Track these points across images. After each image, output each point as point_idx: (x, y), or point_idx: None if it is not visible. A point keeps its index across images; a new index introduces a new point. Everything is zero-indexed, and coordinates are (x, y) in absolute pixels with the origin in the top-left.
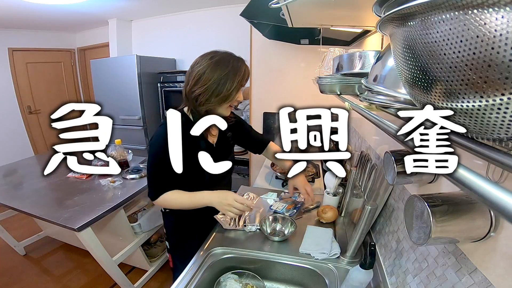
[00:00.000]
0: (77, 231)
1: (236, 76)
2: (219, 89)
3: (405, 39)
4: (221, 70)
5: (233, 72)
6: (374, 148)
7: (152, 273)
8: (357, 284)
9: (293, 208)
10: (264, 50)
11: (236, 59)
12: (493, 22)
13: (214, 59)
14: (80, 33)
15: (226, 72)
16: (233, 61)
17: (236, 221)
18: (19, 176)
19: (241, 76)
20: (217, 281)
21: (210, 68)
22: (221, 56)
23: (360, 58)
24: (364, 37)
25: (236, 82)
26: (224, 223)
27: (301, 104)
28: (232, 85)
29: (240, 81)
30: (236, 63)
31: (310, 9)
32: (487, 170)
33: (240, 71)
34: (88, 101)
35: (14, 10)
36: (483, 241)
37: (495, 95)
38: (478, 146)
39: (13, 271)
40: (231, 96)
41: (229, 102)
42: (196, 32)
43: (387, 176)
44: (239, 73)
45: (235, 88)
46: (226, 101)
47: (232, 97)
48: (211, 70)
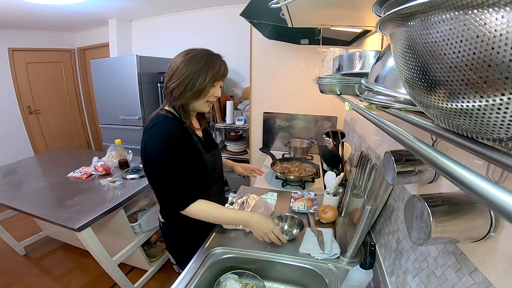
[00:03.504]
0: (77, 231)
1: (210, 71)
2: (193, 83)
3: (405, 39)
4: (195, 65)
5: (207, 67)
6: (374, 148)
7: (152, 273)
8: (357, 284)
9: (312, 205)
10: (264, 50)
11: (211, 55)
12: (493, 22)
13: (188, 55)
14: (80, 33)
15: (200, 67)
16: (208, 57)
17: None
18: (19, 176)
19: (215, 71)
20: (217, 281)
21: (184, 63)
22: (196, 52)
23: (360, 58)
24: (364, 37)
25: (210, 77)
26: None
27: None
28: (205, 79)
29: (214, 76)
30: (210, 58)
31: (310, 9)
32: (487, 170)
33: (213, 66)
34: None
35: (14, 10)
36: (483, 241)
37: (495, 95)
38: (478, 146)
39: (13, 271)
40: (205, 91)
41: (205, 98)
42: (196, 32)
43: (387, 176)
44: (212, 67)
45: (208, 82)
46: (201, 96)
47: (207, 92)
48: (185, 65)
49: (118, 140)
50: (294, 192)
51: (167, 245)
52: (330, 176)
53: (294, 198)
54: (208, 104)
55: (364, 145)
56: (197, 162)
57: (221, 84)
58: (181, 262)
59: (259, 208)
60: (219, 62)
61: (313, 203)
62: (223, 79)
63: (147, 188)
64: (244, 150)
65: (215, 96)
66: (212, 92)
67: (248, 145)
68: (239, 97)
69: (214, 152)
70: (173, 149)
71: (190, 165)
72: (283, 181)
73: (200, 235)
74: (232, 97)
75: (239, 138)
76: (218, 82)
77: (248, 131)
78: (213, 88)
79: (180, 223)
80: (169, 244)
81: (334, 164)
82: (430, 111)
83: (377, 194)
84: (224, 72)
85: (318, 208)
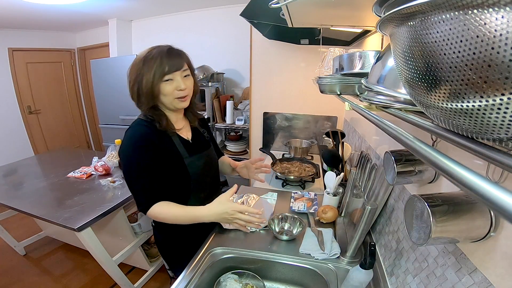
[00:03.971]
0: (77, 231)
1: (150, 70)
2: (140, 87)
3: (405, 39)
4: (135, 69)
5: (146, 67)
6: (374, 148)
7: (152, 273)
8: (357, 284)
9: (312, 205)
10: (264, 50)
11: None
12: (493, 22)
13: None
14: (80, 33)
15: (140, 69)
16: (147, 55)
17: None
18: (19, 176)
19: (155, 67)
20: (217, 281)
21: (128, 70)
22: (140, 55)
23: (360, 58)
24: (364, 37)
25: (153, 75)
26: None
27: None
28: (149, 79)
29: (159, 72)
30: (148, 56)
31: (310, 9)
32: (487, 170)
33: (151, 63)
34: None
35: (14, 10)
36: (483, 241)
37: (495, 95)
38: (478, 146)
39: (13, 271)
40: (155, 90)
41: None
42: (196, 32)
43: (387, 176)
44: (150, 65)
45: (155, 81)
46: (155, 96)
47: (159, 90)
48: (129, 72)
49: (118, 140)
50: (294, 192)
51: (158, 248)
52: (330, 176)
53: (294, 198)
54: (179, 100)
55: (364, 145)
56: (173, 165)
57: (183, 74)
58: (172, 265)
59: (259, 207)
60: (159, 56)
61: (313, 203)
62: (177, 70)
63: None
64: (244, 150)
65: (181, 89)
66: (173, 87)
67: (248, 145)
68: (239, 97)
69: (201, 155)
70: (137, 152)
71: (156, 168)
72: (283, 181)
73: (187, 238)
74: (232, 97)
75: (239, 138)
76: (172, 74)
77: (248, 131)
78: (168, 83)
79: (165, 226)
80: (159, 247)
81: (334, 164)
82: (430, 111)
83: (377, 194)
84: (173, 63)
85: (318, 208)
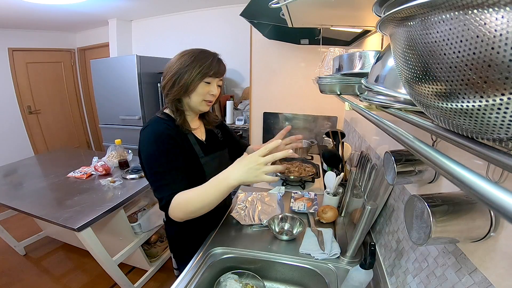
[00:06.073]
0: (77, 231)
1: (198, 67)
2: (180, 78)
3: (405, 39)
4: (184, 61)
5: (196, 62)
6: (374, 148)
7: (152, 273)
8: (357, 284)
9: (312, 205)
10: (264, 50)
11: (203, 52)
12: (493, 22)
13: (181, 54)
14: (80, 33)
15: (189, 63)
16: (200, 54)
17: (251, 216)
18: (19, 176)
19: (204, 66)
20: (217, 281)
21: (175, 60)
22: (190, 50)
23: (360, 58)
24: (364, 37)
25: (198, 72)
26: (240, 220)
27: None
28: (192, 73)
29: (204, 71)
30: (202, 55)
31: (310, 9)
32: (487, 170)
33: (203, 62)
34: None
35: (14, 10)
36: (483, 241)
37: (495, 95)
38: (478, 146)
39: (13, 271)
40: (192, 85)
41: (198, 95)
42: (196, 32)
43: (387, 176)
44: (201, 63)
45: (196, 77)
46: (189, 91)
47: (194, 87)
48: (175, 61)
49: (118, 140)
50: (294, 192)
51: (169, 244)
52: (330, 176)
53: (294, 198)
54: (206, 103)
55: (364, 145)
56: (190, 164)
57: (219, 82)
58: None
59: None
60: (211, 58)
61: (313, 203)
62: (218, 77)
63: (147, 188)
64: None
65: (212, 94)
66: (207, 90)
67: None
68: (239, 97)
69: (216, 155)
70: (159, 149)
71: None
72: (283, 181)
73: (199, 234)
74: (232, 97)
75: (239, 138)
76: (212, 79)
77: (248, 131)
78: (205, 85)
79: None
80: (170, 243)
81: (334, 164)
82: (430, 111)
83: (377, 194)
84: (219, 70)
85: (318, 208)
